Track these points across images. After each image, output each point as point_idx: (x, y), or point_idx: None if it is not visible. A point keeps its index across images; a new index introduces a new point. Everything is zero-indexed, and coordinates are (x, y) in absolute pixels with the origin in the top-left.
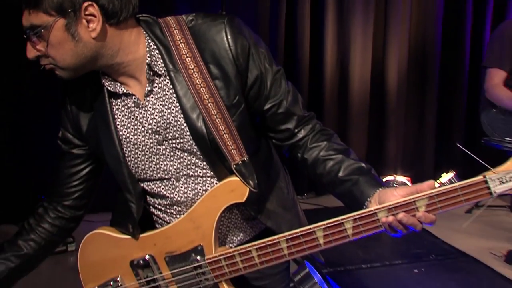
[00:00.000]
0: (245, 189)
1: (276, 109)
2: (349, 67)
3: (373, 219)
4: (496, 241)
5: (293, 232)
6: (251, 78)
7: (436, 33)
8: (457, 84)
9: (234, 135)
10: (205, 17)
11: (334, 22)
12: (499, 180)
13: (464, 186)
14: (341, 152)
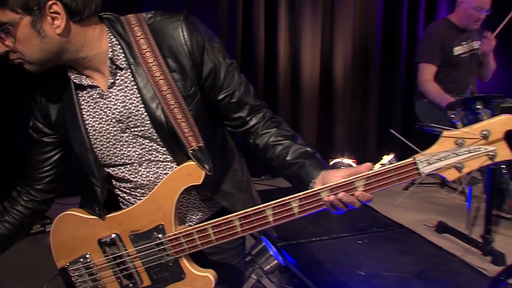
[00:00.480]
0: (201, 172)
1: (229, 99)
2: (300, 62)
3: (316, 198)
4: (428, 214)
5: (245, 211)
6: (206, 70)
7: (376, 32)
8: (396, 77)
9: (190, 123)
10: (163, 15)
11: (286, 21)
12: (426, 162)
13: (396, 168)
14: (289, 138)
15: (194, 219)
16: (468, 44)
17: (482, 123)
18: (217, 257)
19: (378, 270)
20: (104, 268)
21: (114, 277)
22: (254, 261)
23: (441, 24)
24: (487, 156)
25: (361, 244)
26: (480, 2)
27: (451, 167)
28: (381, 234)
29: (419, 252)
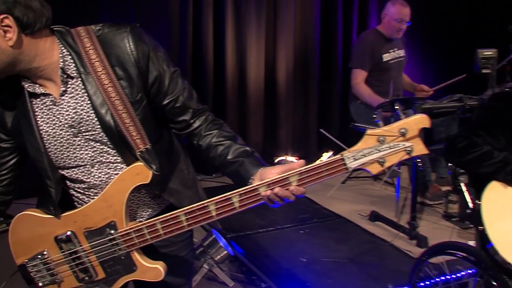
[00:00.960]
0: (148, 172)
1: (174, 104)
2: (246, 68)
3: (255, 193)
4: (362, 205)
5: (191, 207)
6: (151, 78)
7: (315, 40)
8: (333, 81)
9: (138, 127)
10: (111, 27)
11: (233, 31)
12: (353, 158)
13: (326, 164)
14: (230, 138)
15: (144, 215)
16: (394, 52)
17: (400, 122)
18: (167, 249)
19: (318, 256)
20: (61, 263)
21: (71, 271)
22: (206, 252)
23: (370, 34)
24: (405, 151)
25: (303, 233)
26: (401, 15)
27: (374, 162)
28: (321, 224)
29: (354, 239)
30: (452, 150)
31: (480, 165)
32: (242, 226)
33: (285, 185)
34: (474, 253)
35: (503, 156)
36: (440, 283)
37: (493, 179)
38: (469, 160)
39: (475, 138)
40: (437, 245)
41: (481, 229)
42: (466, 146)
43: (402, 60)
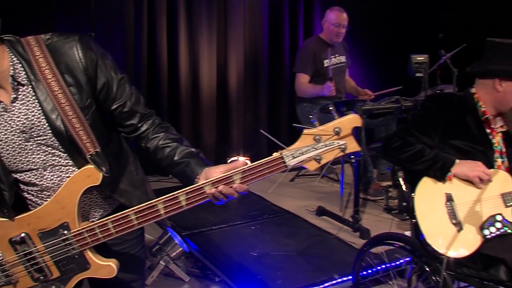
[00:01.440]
0: (99, 174)
1: (122, 109)
2: (199, 73)
3: (201, 191)
4: (310, 201)
5: (140, 206)
6: (100, 84)
7: (263, 46)
8: (281, 85)
9: (88, 131)
10: (59, 36)
11: (186, 38)
12: (291, 156)
13: (267, 162)
14: (176, 140)
15: (96, 216)
16: (336, 57)
17: (334, 121)
18: (119, 247)
19: (268, 250)
20: (16, 264)
21: (26, 271)
22: (162, 250)
23: (313, 40)
24: (340, 149)
25: (254, 229)
26: (339, 20)
27: (312, 159)
28: (271, 220)
29: (302, 233)
30: (387, 149)
31: (413, 163)
32: (196, 224)
33: (229, 183)
34: (409, 243)
35: (433, 154)
36: (381, 271)
37: (425, 175)
38: (403, 158)
39: (409, 137)
40: (376, 237)
41: (414, 222)
42: (400, 145)
43: (343, 66)
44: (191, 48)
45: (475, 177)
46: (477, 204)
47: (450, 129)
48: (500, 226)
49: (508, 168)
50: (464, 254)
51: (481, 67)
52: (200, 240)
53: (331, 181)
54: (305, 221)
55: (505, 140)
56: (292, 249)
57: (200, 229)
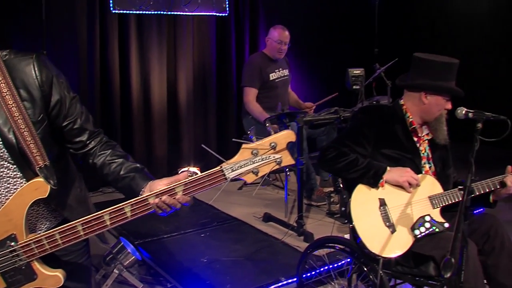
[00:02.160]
0: (47, 187)
1: (72, 125)
2: (150, 89)
3: (145, 203)
4: (257, 208)
5: (87, 217)
6: (53, 101)
7: (212, 62)
8: (229, 98)
9: (38, 145)
10: (17, 53)
11: (137, 56)
12: (231, 169)
13: (208, 175)
14: (122, 157)
15: (42, 228)
16: (280, 71)
17: (271, 137)
18: (66, 258)
19: (217, 256)
20: None
21: None
22: (115, 258)
23: (258, 56)
24: (275, 162)
25: (204, 236)
26: (281, 37)
27: (249, 172)
28: (220, 227)
29: (250, 239)
30: (324, 160)
31: (348, 171)
32: (148, 233)
33: (172, 194)
34: (348, 245)
35: (366, 163)
36: (323, 272)
37: (359, 183)
38: (338, 168)
39: (343, 148)
40: (318, 240)
41: (351, 226)
42: (335, 156)
43: (286, 79)
44: (142, 65)
45: (405, 182)
46: (408, 207)
47: (381, 139)
48: (429, 226)
49: (435, 172)
50: (398, 254)
51: (408, 81)
52: (152, 248)
53: (276, 188)
54: (252, 227)
55: (431, 147)
56: (240, 254)
57: (152, 238)
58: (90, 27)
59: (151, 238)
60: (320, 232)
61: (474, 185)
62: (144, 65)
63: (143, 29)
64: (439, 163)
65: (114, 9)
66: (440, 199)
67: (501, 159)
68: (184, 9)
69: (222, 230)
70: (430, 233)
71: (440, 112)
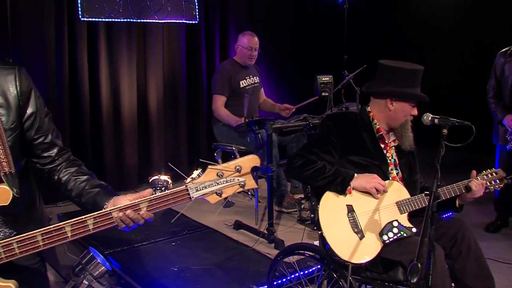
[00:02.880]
0: (9, 194)
1: (43, 139)
2: (120, 97)
3: (108, 217)
4: (227, 215)
5: (48, 228)
6: (29, 112)
7: (182, 70)
8: (199, 105)
9: (6, 152)
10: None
11: (106, 64)
12: (195, 188)
13: (172, 193)
14: (87, 174)
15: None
16: (250, 78)
17: (236, 160)
18: (20, 269)
19: (188, 265)
20: None
21: None
22: (85, 269)
23: (227, 63)
24: (239, 185)
25: (174, 245)
26: (250, 43)
27: (213, 193)
28: (191, 235)
29: (221, 247)
30: (291, 168)
31: (315, 179)
32: (118, 242)
33: (136, 210)
34: (318, 252)
35: (333, 170)
36: (294, 279)
37: (327, 190)
38: (305, 176)
39: (310, 156)
40: (288, 247)
41: (320, 233)
42: (303, 164)
43: (257, 86)
44: (111, 72)
45: (372, 188)
46: (376, 213)
47: (348, 146)
48: (397, 231)
49: (402, 178)
50: (367, 259)
51: (374, 88)
52: (123, 257)
53: (247, 195)
54: (223, 235)
55: (398, 153)
56: (211, 262)
57: (122, 247)
58: (59, 35)
59: (121, 247)
60: (291, 239)
61: (440, 190)
62: (114, 73)
63: (112, 37)
64: (406, 169)
65: (83, 16)
66: (407, 204)
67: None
68: (153, 16)
69: (193, 238)
70: (398, 238)
71: (406, 118)
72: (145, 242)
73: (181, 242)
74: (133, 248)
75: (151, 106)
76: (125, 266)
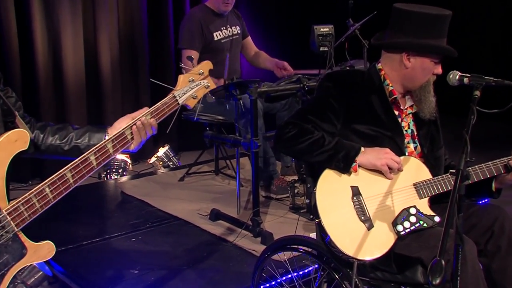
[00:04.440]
0: (27, 136)
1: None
2: (62, 56)
3: (123, 136)
4: (203, 203)
5: (73, 163)
6: None
7: (142, 19)
8: (165, 66)
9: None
10: None
11: (41, 13)
12: (178, 96)
13: (165, 103)
14: (65, 124)
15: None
16: (227, 29)
17: (197, 66)
18: None
19: (152, 266)
20: None
21: None
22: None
23: (198, 10)
24: (205, 87)
25: (134, 241)
26: None
27: (190, 98)
28: (156, 228)
29: (194, 242)
30: (281, 140)
31: (311, 154)
32: (61, 240)
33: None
34: (315, 246)
35: (334, 143)
36: (286, 281)
37: (326, 168)
38: (299, 149)
39: (305, 124)
40: (278, 241)
41: (318, 221)
42: (296, 134)
43: (236, 39)
44: (49, 25)
45: (384, 166)
46: (388, 197)
47: (353, 113)
48: (415, 220)
49: (421, 154)
50: (376, 255)
51: (386, 39)
52: (67, 259)
53: (227, 178)
54: (196, 227)
55: (416, 122)
56: (182, 262)
57: (66, 246)
58: None
59: (65, 246)
60: (282, 231)
61: (471, 169)
62: (52, 25)
63: None
64: (427, 142)
65: None
66: (428, 187)
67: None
68: None
69: (159, 232)
70: (416, 230)
71: (427, 78)
72: (96, 238)
73: (144, 238)
74: (81, 246)
75: (103, 67)
76: (70, 270)
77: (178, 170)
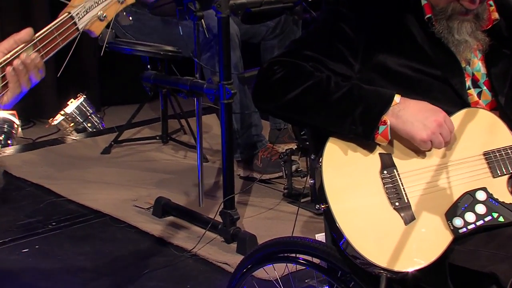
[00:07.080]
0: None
1: None
2: None
3: None
4: (143, 189)
5: None
6: None
7: None
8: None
9: None
10: None
11: None
12: (78, 17)
13: (56, 27)
14: None
15: None
16: None
17: None
18: None
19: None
20: None
21: None
22: None
23: None
24: (118, 2)
25: (27, 252)
26: None
27: (96, 19)
28: (64, 231)
29: (128, 252)
30: (265, 85)
31: (311, 109)
32: None
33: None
34: (323, 255)
35: (346, 89)
36: None
37: (336, 132)
38: (288, 102)
39: (302, 62)
40: (263, 248)
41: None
42: (284, 78)
43: None
44: None
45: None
46: (439, 174)
47: (379, 43)
48: (484, 210)
49: (494, 104)
50: (420, 265)
51: None
52: None
53: (182, 148)
54: (132, 228)
55: (486, 57)
56: (106, 283)
57: None
58: None
59: None
60: (271, 232)
61: None
62: None
63: None
64: (504, 87)
65: None
66: (508, 159)
67: None
68: None
69: (67, 236)
70: (486, 226)
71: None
72: None
73: (43, 246)
74: None
75: None
76: None
77: (101, 136)
